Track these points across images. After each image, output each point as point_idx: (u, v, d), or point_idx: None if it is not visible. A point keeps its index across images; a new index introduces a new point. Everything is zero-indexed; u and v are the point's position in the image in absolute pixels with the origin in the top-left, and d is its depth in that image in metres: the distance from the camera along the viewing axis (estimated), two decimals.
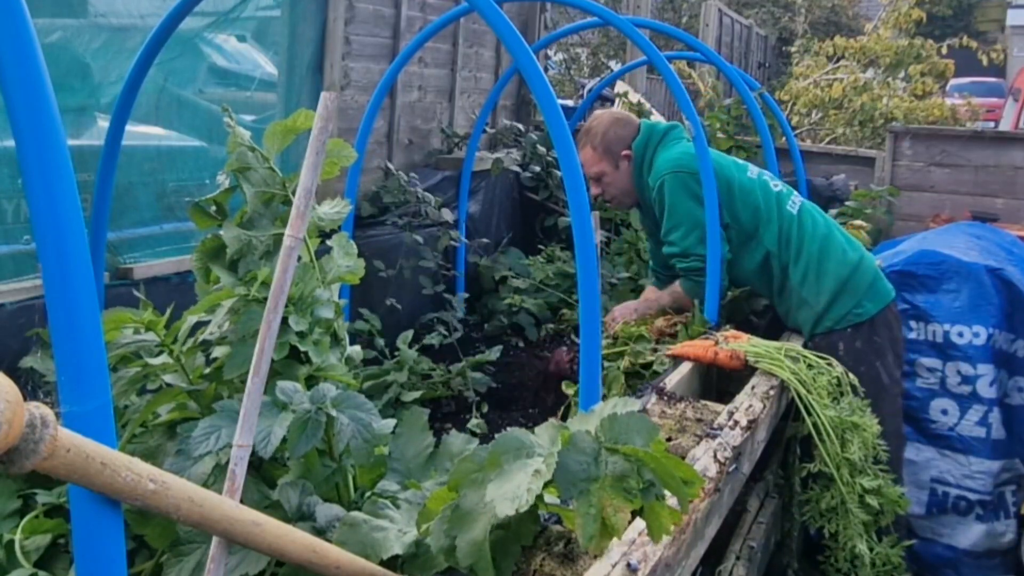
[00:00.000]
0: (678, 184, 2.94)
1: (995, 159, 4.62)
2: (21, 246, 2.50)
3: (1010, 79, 16.63)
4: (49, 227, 0.86)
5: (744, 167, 3.09)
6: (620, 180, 3.12)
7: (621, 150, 3.09)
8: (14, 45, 0.84)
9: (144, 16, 2.83)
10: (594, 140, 3.10)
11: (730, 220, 2.96)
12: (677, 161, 2.97)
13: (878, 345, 2.90)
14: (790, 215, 2.97)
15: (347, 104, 3.84)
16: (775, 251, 2.95)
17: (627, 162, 3.10)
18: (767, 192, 3.00)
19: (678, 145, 3.04)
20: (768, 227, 2.95)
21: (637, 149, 3.08)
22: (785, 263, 2.95)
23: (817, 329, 2.91)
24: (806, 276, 2.90)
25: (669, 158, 3.00)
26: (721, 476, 1.84)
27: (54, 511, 1.44)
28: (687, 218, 2.93)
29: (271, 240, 1.68)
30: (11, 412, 0.74)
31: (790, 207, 2.98)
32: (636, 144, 3.08)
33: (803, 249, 2.92)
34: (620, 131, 3.10)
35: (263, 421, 1.32)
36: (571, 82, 13.93)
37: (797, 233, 2.94)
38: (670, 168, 2.96)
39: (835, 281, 2.87)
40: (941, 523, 3.36)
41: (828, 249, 2.91)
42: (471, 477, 1.21)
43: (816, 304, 2.88)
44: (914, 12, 9.39)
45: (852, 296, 2.88)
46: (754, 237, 2.97)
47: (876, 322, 2.90)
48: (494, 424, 2.99)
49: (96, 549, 0.91)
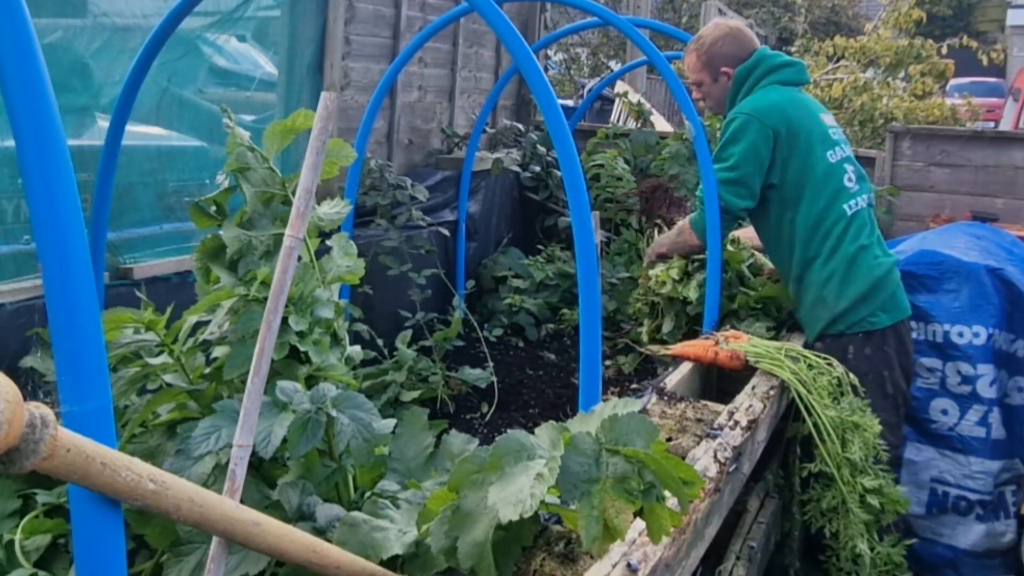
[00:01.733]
0: (749, 128, 2.86)
1: (995, 159, 4.62)
2: (21, 246, 2.50)
3: (1010, 79, 16.62)
4: (49, 227, 0.86)
5: (833, 144, 2.94)
6: (717, 92, 3.09)
7: (722, 66, 3.03)
8: (14, 45, 0.84)
9: (145, 16, 2.83)
10: (700, 49, 3.06)
11: (777, 182, 2.90)
12: (761, 106, 2.89)
13: (887, 355, 2.89)
14: (840, 212, 2.88)
15: (347, 104, 3.84)
16: (803, 236, 2.89)
17: (726, 79, 3.04)
18: (832, 181, 2.90)
19: (772, 93, 2.95)
20: (808, 212, 2.88)
21: (740, 74, 3.01)
22: (813, 256, 2.89)
23: (829, 330, 2.90)
24: (831, 278, 2.86)
25: (757, 101, 2.92)
26: (721, 476, 1.84)
27: (54, 511, 1.44)
28: (733, 161, 2.88)
29: (271, 240, 1.68)
30: (11, 412, 0.74)
31: (847, 207, 2.89)
32: (741, 69, 3.01)
33: (838, 251, 2.86)
34: (726, 48, 3.02)
35: (263, 421, 1.32)
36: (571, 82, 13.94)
37: (839, 233, 2.87)
38: (750, 110, 2.89)
39: (859, 291, 2.85)
40: (941, 523, 3.36)
41: (862, 258, 2.87)
42: (472, 478, 1.21)
43: (835, 307, 2.86)
44: (914, 12, 9.38)
45: (869, 305, 2.86)
46: (790, 210, 2.91)
47: (887, 334, 2.89)
48: (494, 424, 3.00)
49: (96, 549, 0.91)
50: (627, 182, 4.56)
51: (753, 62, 3.00)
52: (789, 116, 2.87)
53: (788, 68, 3.01)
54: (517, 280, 4.20)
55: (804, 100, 3.00)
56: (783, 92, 2.95)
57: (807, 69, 3.11)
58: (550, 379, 3.45)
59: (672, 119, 8.40)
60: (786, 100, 2.92)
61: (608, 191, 4.52)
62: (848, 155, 2.99)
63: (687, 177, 4.48)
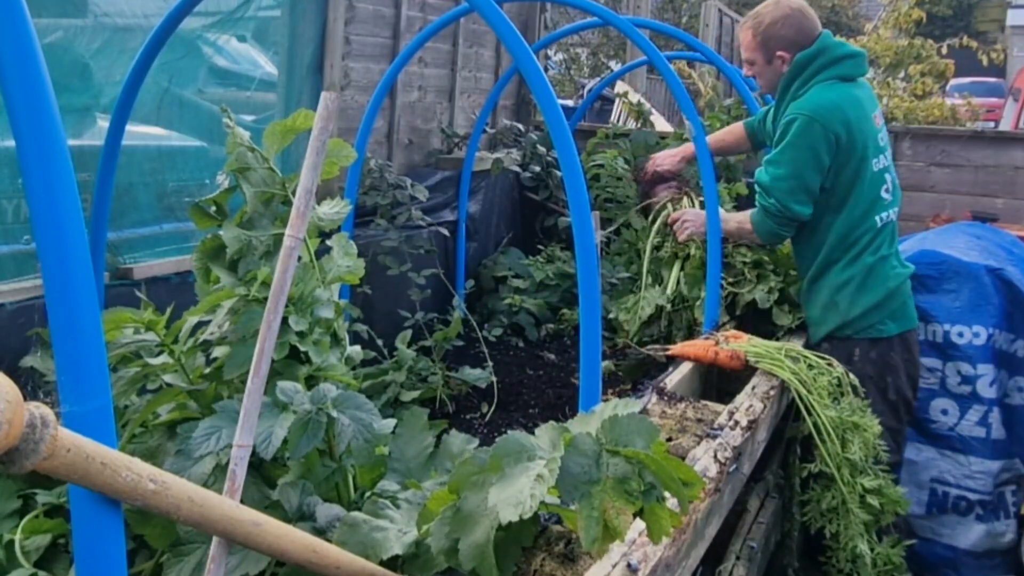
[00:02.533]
0: (811, 131, 2.78)
1: (995, 159, 4.62)
2: (21, 246, 2.49)
3: (1010, 79, 16.62)
4: (49, 227, 0.86)
5: (880, 151, 2.90)
6: (770, 74, 2.98)
7: (778, 49, 2.92)
8: (14, 45, 0.84)
9: (146, 16, 2.83)
10: (757, 27, 2.94)
11: (829, 186, 2.84)
12: (823, 108, 2.79)
13: (893, 362, 2.89)
14: (872, 223, 2.87)
15: (347, 104, 3.84)
16: (832, 241, 2.87)
17: (781, 63, 2.93)
18: (872, 190, 2.87)
19: (833, 91, 2.84)
20: (847, 219, 2.86)
21: (799, 61, 2.89)
22: (835, 260, 2.88)
23: (837, 333, 2.90)
24: (847, 284, 2.86)
25: (818, 100, 2.82)
26: (721, 476, 1.84)
27: (54, 511, 1.44)
28: (794, 166, 2.82)
29: (271, 240, 1.68)
30: (11, 412, 0.74)
31: (879, 219, 2.88)
32: (801, 56, 2.88)
33: (860, 259, 2.86)
34: (786, 31, 2.89)
35: (264, 421, 1.32)
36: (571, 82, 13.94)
37: (865, 243, 2.86)
38: (812, 110, 2.80)
39: (873, 300, 2.85)
40: (941, 523, 3.36)
41: (881, 269, 2.87)
42: (472, 479, 1.20)
43: (847, 313, 2.86)
44: (914, 12, 9.37)
45: (879, 313, 2.87)
46: (831, 214, 2.88)
47: (894, 342, 2.89)
48: (494, 424, 2.99)
49: (96, 549, 0.91)
50: (627, 182, 4.56)
51: (815, 50, 2.88)
52: (850, 120, 2.81)
53: (850, 60, 2.90)
54: (517, 280, 4.20)
55: (861, 100, 2.91)
56: (843, 91, 2.86)
57: (867, 59, 3.00)
58: (550, 379, 3.45)
59: (672, 119, 8.39)
60: (847, 101, 2.84)
61: (608, 191, 4.51)
62: (888, 164, 2.94)
63: (687, 177, 4.48)
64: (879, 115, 2.98)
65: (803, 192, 2.83)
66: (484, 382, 3.18)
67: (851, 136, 2.80)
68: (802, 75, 2.90)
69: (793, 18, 2.91)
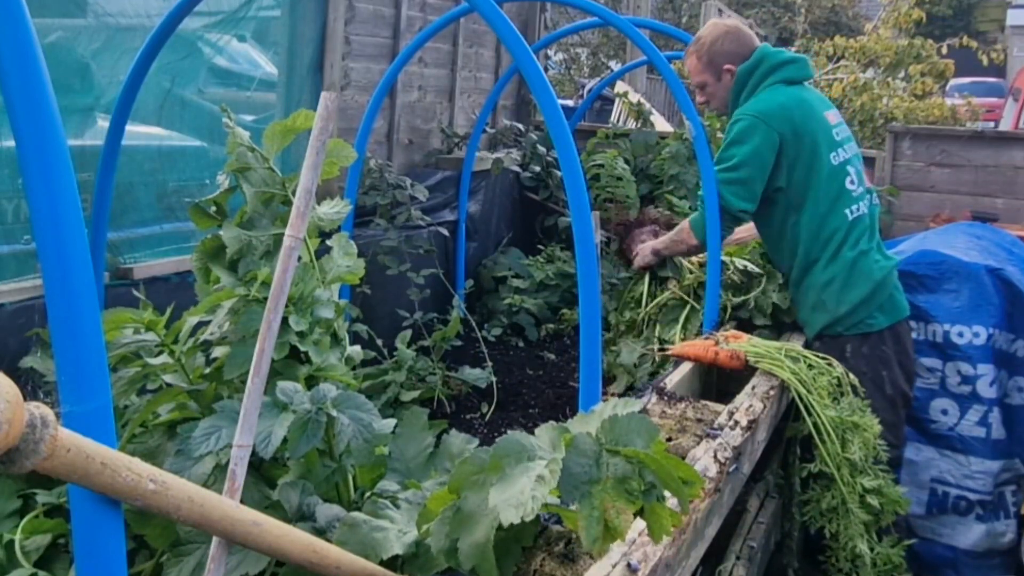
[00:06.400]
0: (754, 130, 2.85)
1: (995, 159, 4.62)
2: (21, 246, 2.50)
3: (1010, 79, 16.61)
4: (49, 227, 0.86)
5: (837, 145, 2.93)
6: (721, 91, 3.07)
7: (724, 64, 3.01)
8: (14, 45, 0.84)
9: (147, 16, 2.83)
10: (700, 50, 3.04)
11: (784, 185, 2.89)
12: (767, 108, 2.87)
13: (886, 355, 2.89)
14: (842, 218, 2.88)
15: (347, 104, 3.84)
16: (805, 240, 2.89)
17: (730, 76, 3.02)
18: (834, 184, 2.89)
19: (778, 94, 2.93)
20: (811, 216, 2.87)
21: (742, 73, 3.00)
22: (814, 260, 2.89)
23: (827, 331, 2.90)
24: (832, 283, 2.86)
25: (762, 102, 2.91)
26: (721, 476, 1.84)
27: (54, 511, 1.44)
28: (734, 161, 2.86)
29: (271, 240, 1.68)
30: (11, 412, 0.74)
31: (849, 212, 2.88)
32: (743, 68, 2.99)
33: (839, 256, 2.86)
34: (727, 46, 3.01)
35: (263, 421, 1.32)
36: (571, 82, 13.95)
37: (840, 239, 2.87)
38: (755, 111, 2.88)
39: (859, 295, 2.85)
40: (941, 523, 3.36)
41: (863, 263, 2.87)
42: (472, 479, 1.20)
43: (835, 311, 2.86)
44: (914, 12, 9.37)
45: (867, 307, 2.87)
46: (794, 214, 2.91)
47: (885, 335, 2.89)
48: (494, 424, 3.00)
49: (96, 549, 0.91)
50: (627, 182, 4.56)
51: (755, 61, 2.98)
52: (795, 119, 2.86)
53: (791, 65, 2.99)
54: (517, 280, 4.20)
55: (809, 99, 2.97)
56: (788, 93, 2.93)
57: (811, 64, 3.08)
58: (550, 379, 3.45)
59: (672, 119, 8.39)
60: (792, 102, 2.90)
61: (608, 191, 4.52)
62: (851, 156, 2.97)
63: (687, 177, 4.49)
64: (834, 113, 3.03)
65: (741, 186, 2.86)
66: (484, 382, 3.19)
67: (798, 134, 2.85)
68: (747, 85, 3.00)
69: (732, 33, 3.05)
